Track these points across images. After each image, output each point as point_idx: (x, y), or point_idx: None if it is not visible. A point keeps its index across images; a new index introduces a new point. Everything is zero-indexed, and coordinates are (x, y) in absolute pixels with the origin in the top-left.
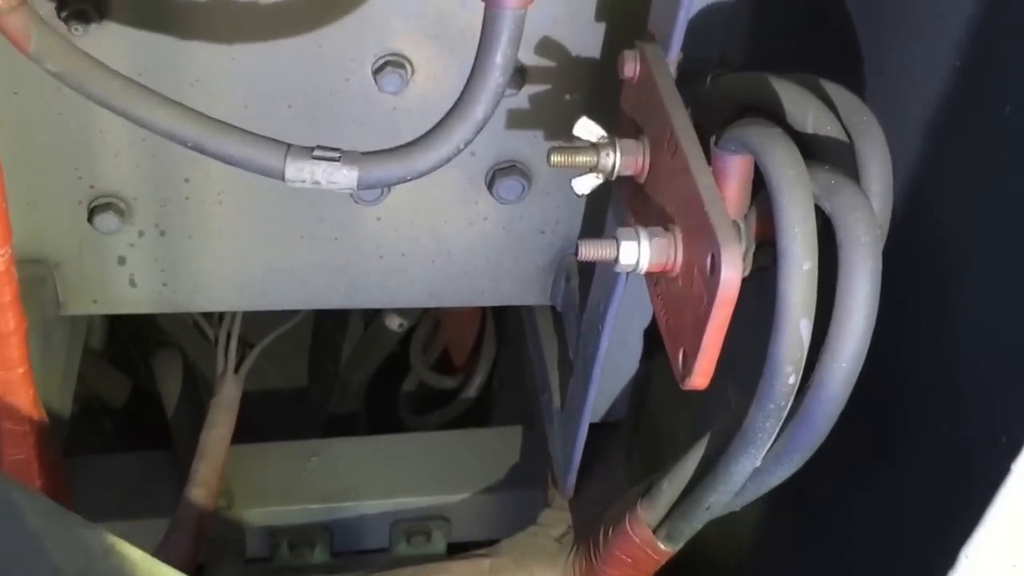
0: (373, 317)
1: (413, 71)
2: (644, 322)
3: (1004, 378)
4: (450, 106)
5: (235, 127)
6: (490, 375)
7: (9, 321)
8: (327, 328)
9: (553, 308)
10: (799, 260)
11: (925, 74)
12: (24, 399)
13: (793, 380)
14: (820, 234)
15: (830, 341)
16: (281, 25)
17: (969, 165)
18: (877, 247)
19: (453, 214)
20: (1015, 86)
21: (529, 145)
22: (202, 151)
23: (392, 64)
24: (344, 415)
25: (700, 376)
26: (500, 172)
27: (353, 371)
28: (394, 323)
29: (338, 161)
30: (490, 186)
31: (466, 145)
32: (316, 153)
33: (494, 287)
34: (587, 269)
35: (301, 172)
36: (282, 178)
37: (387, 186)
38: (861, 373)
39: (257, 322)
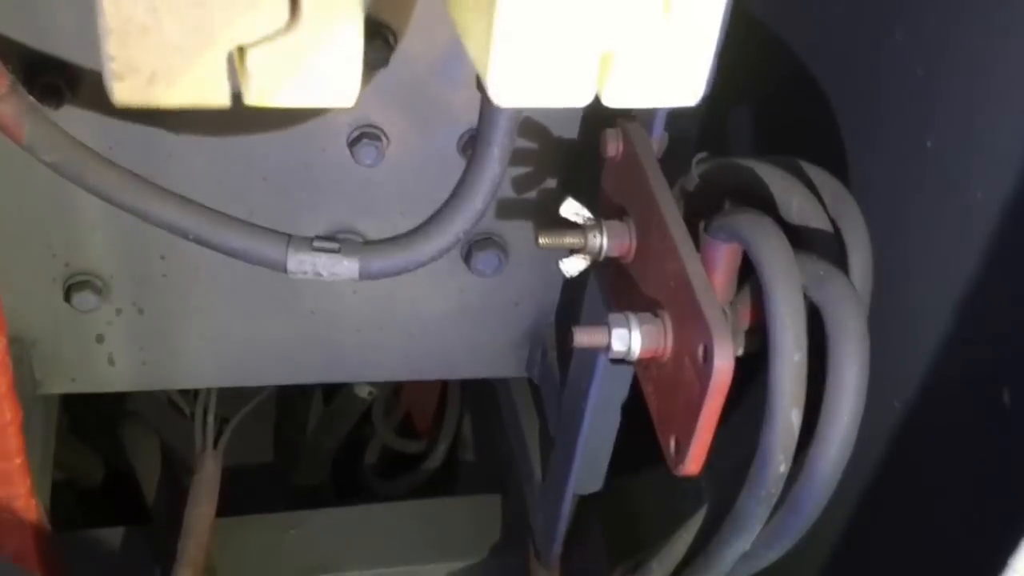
0: (339, 386)
1: (389, 143)
2: (622, 396)
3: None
4: (426, 178)
5: (235, 219)
6: (455, 439)
7: (6, 412)
8: (291, 399)
9: (529, 379)
10: (790, 352)
11: (899, 155)
12: (21, 489)
13: (784, 468)
14: (807, 319)
15: (820, 430)
16: None
17: (941, 246)
18: (865, 339)
19: (430, 287)
20: (986, 171)
21: (505, 218)
22: (203, 244)
23: (368, 136)
24: (311, 485)
25: (693, 463)
26: (477, 245)
27: (321, 440)
28: (363, 391)
29: (338, 252)
30: (467, 259)
31: (465, 235)
32: (316, 244)
33: (470, 360)
34: (564, 342)
35: (303, 264)
36: (284, 271)
37: (388, 276)
38: None
39: (227, 396)
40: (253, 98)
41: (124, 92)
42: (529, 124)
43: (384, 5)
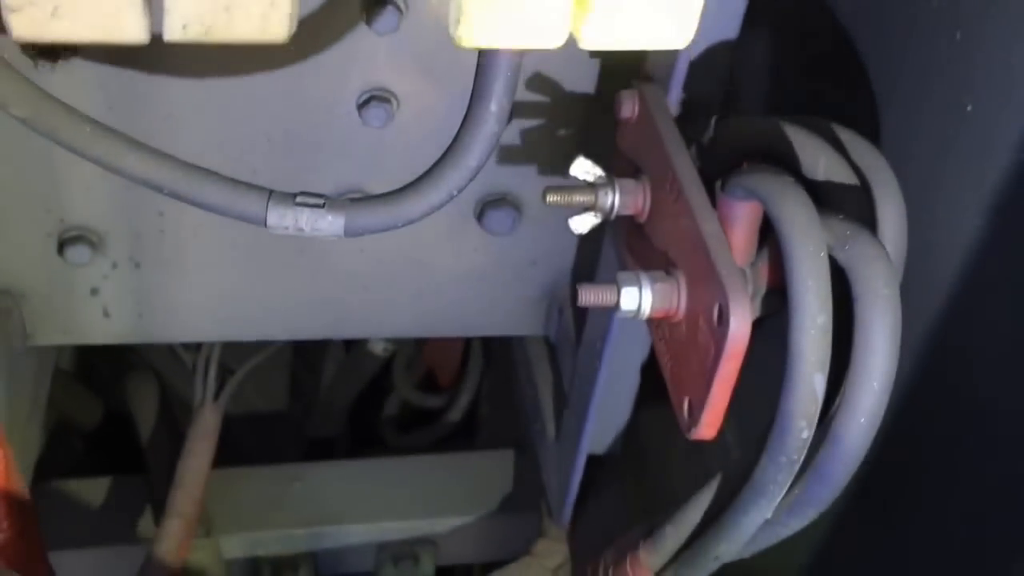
0: (356, 340)
1: (399, 105)
2: (642, 357)
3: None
4: (437, 139)
5: (213, 173)
6: (476, 394)
7: None
8: (308, 351)
9: (546, 337)
10: (813, 314)
11: (935, 116)
12: None
13: (806, 434)
14: (833, 279)
15: (847, 396)
16: (259, 59)
17: (978, 210)
18: (896, 300)
19: (441, 246)
20: None
21: (519, 177)
22: (178, 198)
23: (377, 98)
24: (325, 437)
25: (707, 427)
26: (490, 204)
27: (335, 395)
28: (378, 347)
29: (323, 208)
30: (480, 218)
31: (459, 192)
32: (299, 200)
33: (485, 318)
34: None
35: (284, 219)
36: (264, 225)
37: (375, 233)
38: None
39: (236, 346)
40: (174, 34)
41: (23, 26)
42: (543, 78)
43: None
